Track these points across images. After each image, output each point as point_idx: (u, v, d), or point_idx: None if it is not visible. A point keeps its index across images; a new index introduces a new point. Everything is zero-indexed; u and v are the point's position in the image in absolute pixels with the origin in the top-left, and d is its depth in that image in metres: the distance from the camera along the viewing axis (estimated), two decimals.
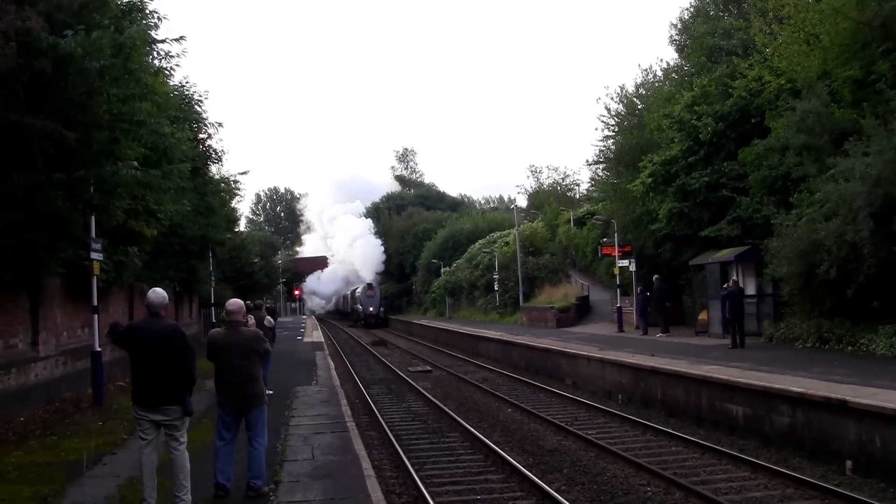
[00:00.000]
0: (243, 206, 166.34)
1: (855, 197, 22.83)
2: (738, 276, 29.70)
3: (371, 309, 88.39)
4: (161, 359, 9.93)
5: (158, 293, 10.31)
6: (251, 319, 13.59)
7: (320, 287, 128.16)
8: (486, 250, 72.63)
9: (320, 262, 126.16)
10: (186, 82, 33.29)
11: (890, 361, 20.63)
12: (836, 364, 20.53)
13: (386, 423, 21.25)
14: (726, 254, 31.65)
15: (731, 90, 34.55)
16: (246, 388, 11.03)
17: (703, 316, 33.74)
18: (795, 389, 16.47)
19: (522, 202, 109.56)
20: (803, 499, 13.11)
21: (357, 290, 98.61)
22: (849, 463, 14.72)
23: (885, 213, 22.25)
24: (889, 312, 23.07)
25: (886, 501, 12.59)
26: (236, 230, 60.60)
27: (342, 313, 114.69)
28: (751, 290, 30.78)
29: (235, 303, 11.48)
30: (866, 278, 22.66)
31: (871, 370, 18.85)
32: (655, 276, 36.82)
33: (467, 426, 20.36)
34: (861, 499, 12.49)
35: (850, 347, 23.54)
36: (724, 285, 28.59)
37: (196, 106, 33.22)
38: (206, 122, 34.49)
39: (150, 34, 21.22)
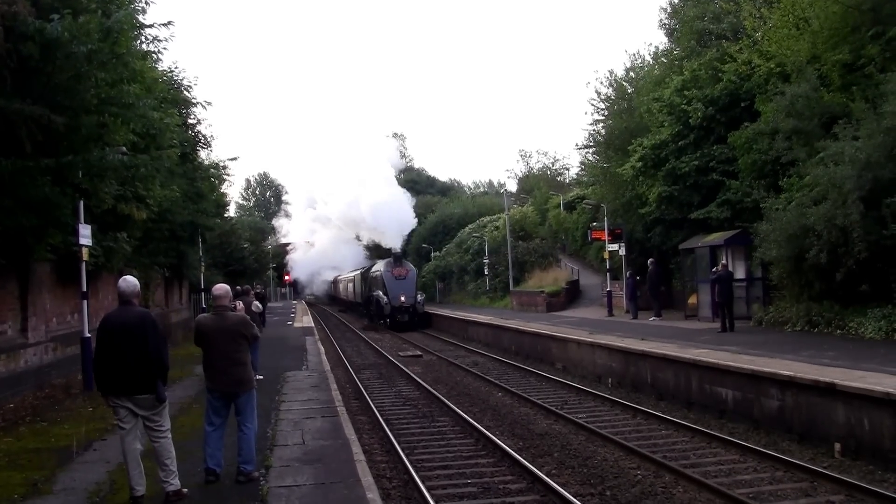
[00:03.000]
0: (233, 192, 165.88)
1: (845, 181, 22.86)
2: (727, 259, 29.73)
3: (403, 299, 55.82)
4: (132, 346, 9.87)
5: (129, 281, 10.24)
6: (239, 304, 13.55)
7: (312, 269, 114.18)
8: (476, 235, 72.65)
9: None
10: (175, 67, 33.19)
11: (878, 345, 20.69)
12: (825, 347, 20.58)
13: (376, 407, 21.29)
14: (716, 238, 31.70)
15: (720, 74, 34.56)
16: (234, 373, 11.01)
17: (692, 300, 33.80)
18: (785, 373, 16.52)
19: (512, 186, 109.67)
20: (792, 481, 13.16)
21: (374, 270, 64.11)
22: (837, 446, 14.78)
23: (874, 196, 22.28)
24: (878, 296, 23.13)
25: (875, 483, 12.63)
26: (226, 215, 60.55)
27: (333, 299, 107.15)
28: (740, 273, 30.84)
29: (221, 288, 11.44)
30: (856, 262, 22.71)
31: (860, 353, 18.91)
32: (650, 259, 36.86)
33: (458, 410, 20.41)
34: (850, 481, 12.56)
35: (839, 331, 23.61)
36: (714, 269, 28.61)
37: (185, 91, 33.10)
38: (196, 104, 34.36)
39: (137, 18, 21.06)
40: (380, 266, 61.53)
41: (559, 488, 12.57)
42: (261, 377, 22.10)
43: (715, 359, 19.58)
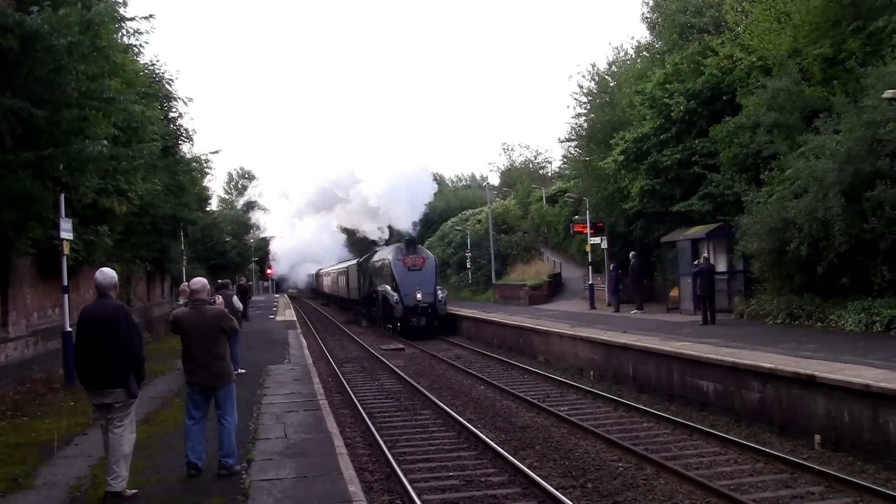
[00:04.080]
0: (215, 185, 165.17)
1: (825, 174, 22.99)
2: (709, 252, 29.83)
3: (419, 296, 43.01)
4: (105, 340, 9.84)
5: (106, 274, 10.18)
6: (219, 299, 13.51)
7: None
8: (459, 228, 72.57)
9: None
10: (157, 60, 33.06)
11: (858, 337, 20.83)
12: (805, 340, 20.70)
13: (359, 401, 21.28)
14: (697, 231, 31.82)
15: (702, 68, 34.74)
16: (212, 367, 10.99)
17: (674, 293, 33.92)
18: (765, 365, 16.59)
19: (495, 180, 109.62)
20: (773, 473, 13.22)
21: (378, 258, 50.65)
22: (817, 437, 14.87)
23: (855, 190, 22.41)
24: (858, 289, 23.27)
25: (854, 475, 12.71)
26: (208, 209, 60.35)
27: (316, 292, 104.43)
28: (722, 266, 30.97)
29: (199, 281, 11.41)
30: (836, 255, 22.87)
31: (840, 346, 19.01)
32: (632, 252, 37.01)
33: (440, 404, 20.43)
34: (829, 472, 12.64)
35: (819, 323, 23.74)
36: (696, 262, 28.71)
37: (167, 84, 33.01)
38: (177, 98, 34.28)
39: (118, 11, 21.01)
40: (386, 254, 47.53)
41: (541, 481, 12.59)
42: (242, 371, 22.12)
43: (696, 351, 19.66)
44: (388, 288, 44.60)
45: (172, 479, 10.81)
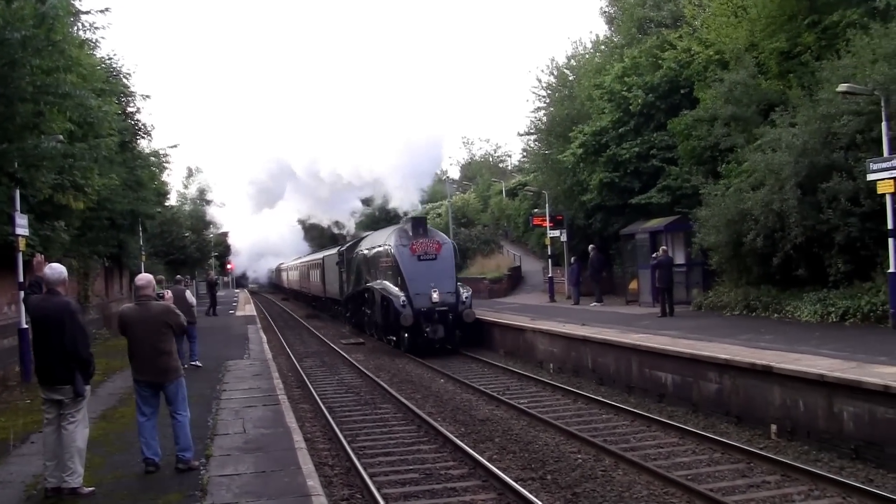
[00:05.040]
0: (174, 181, 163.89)
1: (782, 167, 23.22)
2: (667, 245, 30.01)
3: (435, 296, 30.86)
4: (52, 336, 9.78)
5: (54, 269, 10.08)
6: (167, 294, 13.41)
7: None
8: None
9: None
10: (114, 55, 32.81)
11: (814, 327, 21.07)
12: (762, 331, 20.90)
13: (319, 395, 21.26)
14: (656, 223, 32.02)
15: (660, 61, 34.93)
16: (158, 363, 10.94)
17: (633, 285, 34.10)
18: (722, 356, 16.75)
19: (455, 173, 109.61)
20: (730, 463, 13.35)
21: (372, 246, 37.95)
22: (774, 427, 15.03)
23: (810, 182, 22.64)
24: (814, 280, 23.52)
25: (809, 463, 12.88)
26: (167, 204, 59.92)
27: (277, 287, 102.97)
28: (680, 259, 31.18)
29: (144, 277, 11.37)
30: (792, 247, 23.12)
31: (796, 336, 19.21)
32: (591, 245, 37.17)
33: (400, 398, 20.46)
34: (785, 461, 12.80)
35: (776, 314, 23.98)
36: (654, 255, 28.88)
37: (124, 79, 32.70)
38: (135, 94, 34.02)
39: (73, 4, 20.80)
40: (383, 238, 35.74)
41: (500, 473, 12.65)
42: (199, 365, 22.03)
43: (655, 343, 19.80)
44: (390, 285, 32.37)
45: (130, 475, 10.78)
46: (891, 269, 19.60)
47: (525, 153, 66.69)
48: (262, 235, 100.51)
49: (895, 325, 19.50)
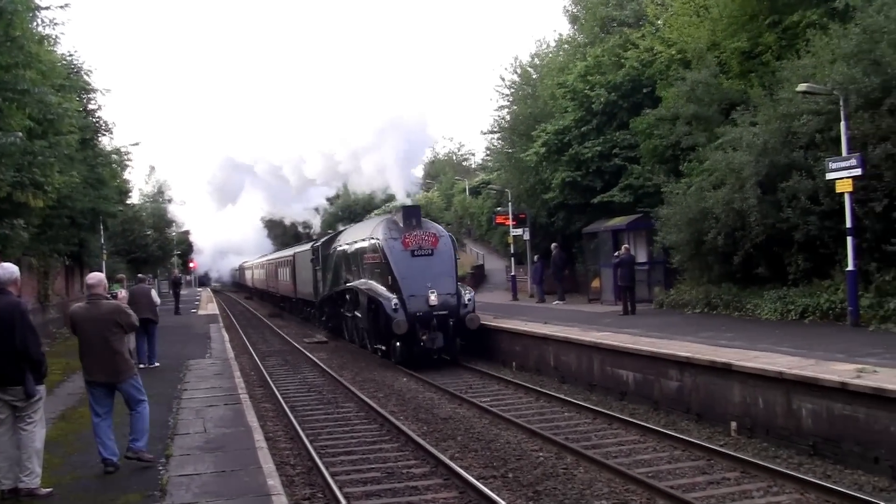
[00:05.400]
0: (137, 179, 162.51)
1: (742, 166, 23.37)
2: (629, 243, 30.12)
3: (433, 298, 26.22)
4: (2, 337, 9.59)
5: (6, 268, 9.92)
6: (121, 293, 13.26)
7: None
8: None
9: None
10: (75, 51, 32.45)
11: (774, 325, 21.24)
12: (723, 329, 21.03)
13: (281, 394, 21.15)
14: (618, 222, 32.15)
15: (623, 60, 35.10)
16: (109, 363, 10.85)
17: (595, 283, 34.23)
18: (683, 354, 16.83)
19: (418, 171, 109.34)
20: (690, 460, 13.42)
21: (354, 240, 33.33)
22: (734, 424, 15.11)
23: (770, 181, 22.80)
24: (774, 278, 23.70)
25: (768, 460, 12.97)
26: (128, 202, 59.47)
27: (240, 286, 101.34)
28: (642, 257, 31.32)
29: (95, 276, 11.27)
30: (753, 245, 23.31)
31: (756, 334, 19.34)
32: (554, 244, 37.27)
33: (362, 396, 20.39)
34: (744, 458, 12.88)
35: (737, 312, 24.14)
36: (616, 253, 28.97)
37: (85, 76, 32.36)
38: (96, 90, 33.69)
39: (33, 0, 20.54)
40: (368, 231, 31.00)
41: (462, 472, 12.64)
42: (157, 364, 21.87)
43: (616, 341, 19.86)
44: (377, 286, 27.89)
45: (89, 475, 10.71)
46: (849, 268, 19.78)
47: (488, 151, 66.93)
48: (225, 233, 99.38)
49: (853, 323, 19.70)
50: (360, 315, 30.55)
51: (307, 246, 45.87)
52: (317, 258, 40.35)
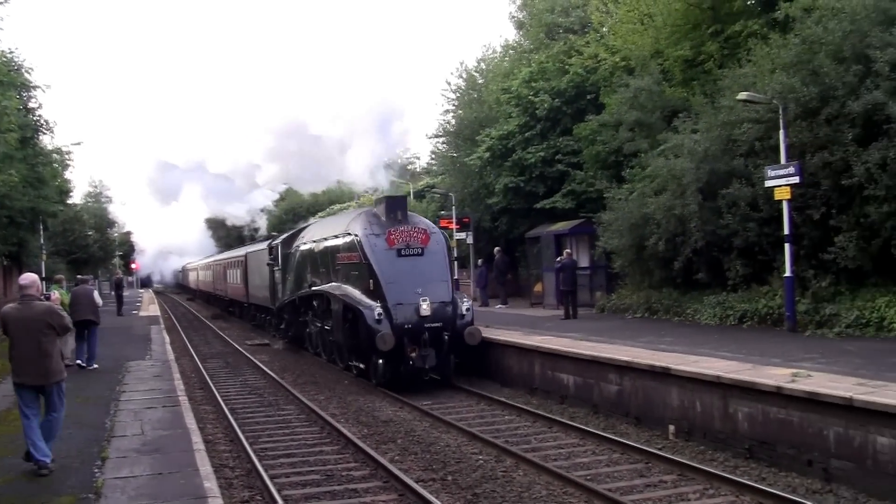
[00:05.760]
0: (78, 179, 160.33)
1: (683, 172, 23.64)
2: (572, 248, 30.30)
3: (424, 307, 21.77)
4: None
5: None
6: (54, 295, 13.08)
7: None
8: None
9: None
10: (15, 49, 32.00)
11: (713, 330, 21.49)
12: (663, 333, 21.21)
13: (221, 397, 20.94)
14: (561, 227, 32.35)
15: (567, 67, 35.30)
16: (39, 365, 10.73)
17: (538, 287, 34.37)
18: (622, 358, 16.94)
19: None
20: (628, 463, 13.50)
21: (321, 234, 29.10)
22: (672, 427, 15.25)
23: (711, 188, 23.09)
24: (714, 283, 23.98)
25: (705, 463, 13.10)
26: (69, 202, 58.74)
27: (183, 288, 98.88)
28: (584, 262, 31.54)
29: (27, 276, 11.14)
30: (693, 251, 23.57)
31: (695, 338, 19.57)
32: (497, 248, 37.35)
33: (303, 399, 20.27)
34: (682, 461, 13.00)
35: (677, 317, 24.41)
36: (558, 258, 29.08)
37: (26, 73, 31.92)
38: (36, 87, 33.25)
39: None
40: (347, 225, 25.54)
41: (401, 474, 12.62)
42: (95, 366, 21.57)
43: (557, 345, 19.91)
44: (354, 291, 23.38)
45: (21, 478, 10.53)
46: (787, 274, 20.09)
47: (433, 155, 66.80)
48: (167, 234, 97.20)
49: (790, 328, 20.00)
50: (331, 326, 25.62)
51: (263, 245, 41.04)
52: (275, 258, 35.55)
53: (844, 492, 11.54)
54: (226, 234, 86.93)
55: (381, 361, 21.65)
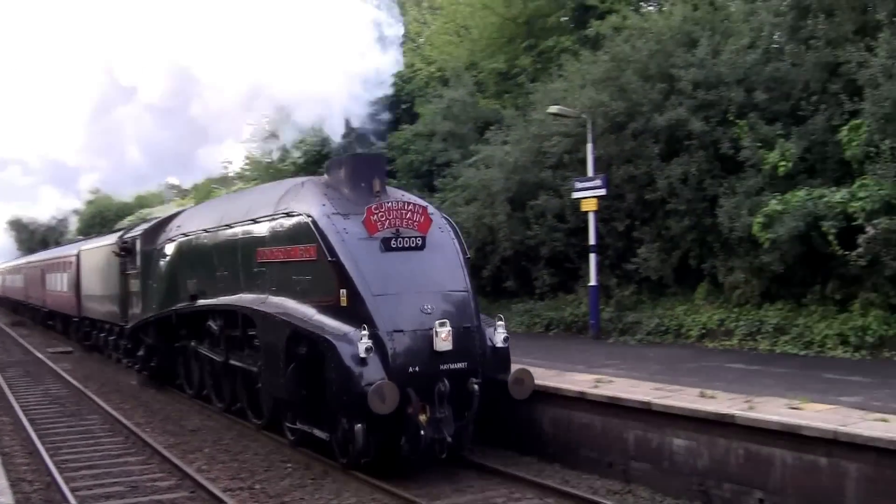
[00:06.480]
0: None
1: (493, 183, 24.01)
2: None
3: (443, 338, 12.26)
4: None
5: None
6: None
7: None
8: None
9: None
10: None
11: (520, 338, 21.57)
12: None
13: (20, 407, 20.12)
14: None
15: None
16: None
17: None
18: None
19: (174, 178, 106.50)
20: None
21: (201, 218, 20.09)
22: None
23: (520, 198, 23.55)
24: (521, 292, 24.49)
25: (511, 467, 13.26)
26: None
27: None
28: None
29: None
30: (501, 260, 24.02)
31: None
32: None
33: (107, 408, 19.69)
34: (487, 465, 13.29)
35: None
36: None
37: None
38: None
39: None
40: (281, 199, 15.32)
41: (207, 484, 12.46)
42: None
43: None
44: (305, 309, 13.74)
45: None
46: (591, 283, 20.71)
47: (247, 160, 65.84)
48: None
49: (595, 336, 20.63)
50: (258, 366, 15.29)
51: (107, 239, 30.20)
52: (131, 258, 24.79)
53: (643, 492, 11.99)
54: (28, 237, 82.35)
55: (362, 427, 12.16)
